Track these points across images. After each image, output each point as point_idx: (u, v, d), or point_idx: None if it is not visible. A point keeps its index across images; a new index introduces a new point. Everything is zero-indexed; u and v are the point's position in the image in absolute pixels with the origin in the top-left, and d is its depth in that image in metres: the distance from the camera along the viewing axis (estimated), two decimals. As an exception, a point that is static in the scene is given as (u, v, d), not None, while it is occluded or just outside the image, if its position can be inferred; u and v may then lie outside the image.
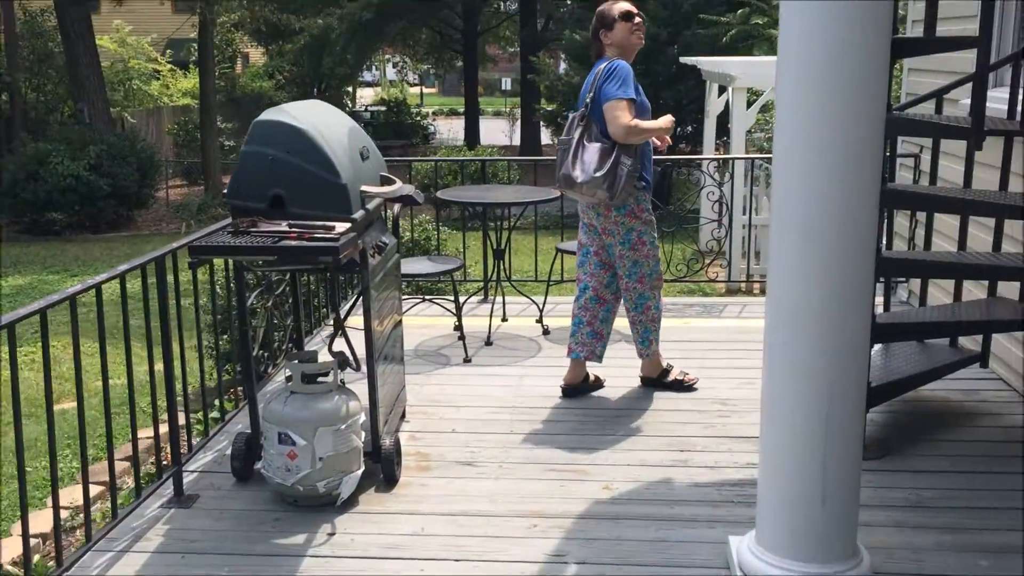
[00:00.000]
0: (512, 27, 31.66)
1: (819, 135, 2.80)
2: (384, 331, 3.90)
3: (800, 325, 2.88)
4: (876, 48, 2.75)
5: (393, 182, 4.03)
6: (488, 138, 29.81)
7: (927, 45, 3.33)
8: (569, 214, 6.98)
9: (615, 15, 4.23)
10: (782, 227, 2.90)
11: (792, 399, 2.91)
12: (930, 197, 3.66)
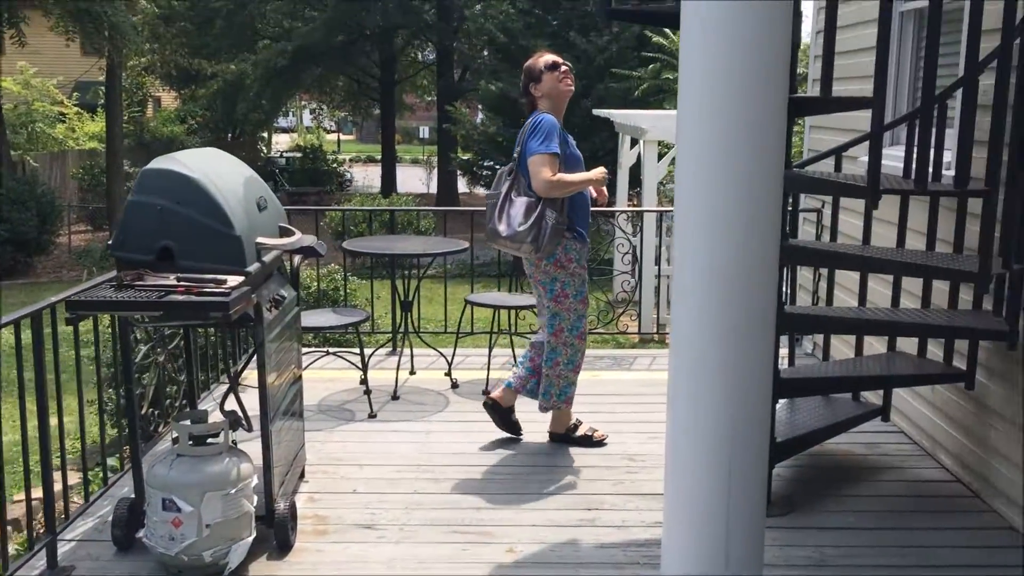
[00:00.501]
0: (430, 76, 31.83)
1: (718, 190, 2.79)
2: (281, 387, 3.74)
3: (701, 379, 2.84)
4: (773, 105, 2.76)
5: (292, 233, 3.90)
6: (405, 186, 29.78)
7: (824, 104, 3.39)
8: (485, 262, 7.03)
9: (541, 67, 4.32)
10: (683, 281, 2.87)
11: (694, 455, 2.85)
12: (829, 254, 3.70)
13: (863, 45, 5.26)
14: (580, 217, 4.37)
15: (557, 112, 4.34)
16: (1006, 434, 3.75)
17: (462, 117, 22.01)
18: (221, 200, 3.33)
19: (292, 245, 3.80)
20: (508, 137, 19.86)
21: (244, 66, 23.46)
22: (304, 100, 37.69)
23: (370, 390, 5.25)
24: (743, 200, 2.80)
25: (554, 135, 4.20)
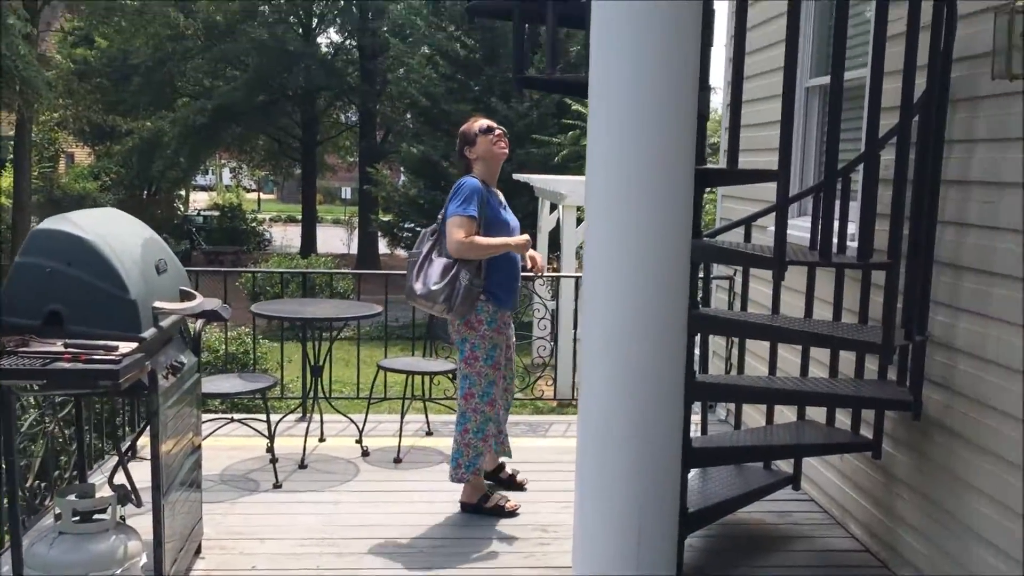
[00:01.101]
0: (352, 137, 31.84)
1: (625, 259, 2.78)
2: (178, 457, 3.56)
3: (610, 447, 2.81)
4: (680, 177, 2.78)
5: (194, 297, 3.76)
6: (326, 246, 29.52)
7: (731, 177, 3.44)
8: (403, 324, 6.87)
9: (476, 131, 4.42)
10: (592, 348, 2.84)
11: (603, 524, 2.80)
12: (739, 323, 3.72)
13: (771, 119, 5.39)
14: (501, 281, 4.37)
15: (491, 174, 4.44)
16: (913, 504, 3.78)
17: (383, 179, 22.01)
18: (116, 262, 3.20)
19: (193, 309, 3.66)
20: (429, 199, 19.90)
21: (162, 123, 23.13)
22: (224, 158, 37.29)
23: (276, 458, 5.07)
24: (650, 269, 2.80)
25: (473, 199, 4.26)
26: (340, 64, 28.01)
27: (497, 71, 19.83)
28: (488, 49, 20.03)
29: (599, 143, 2.85)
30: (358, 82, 26.82)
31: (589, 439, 2.85)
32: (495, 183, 4.48)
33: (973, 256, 3.39)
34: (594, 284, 2.87)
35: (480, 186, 4.32)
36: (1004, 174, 3.21)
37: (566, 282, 9.44)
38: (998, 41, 2.99)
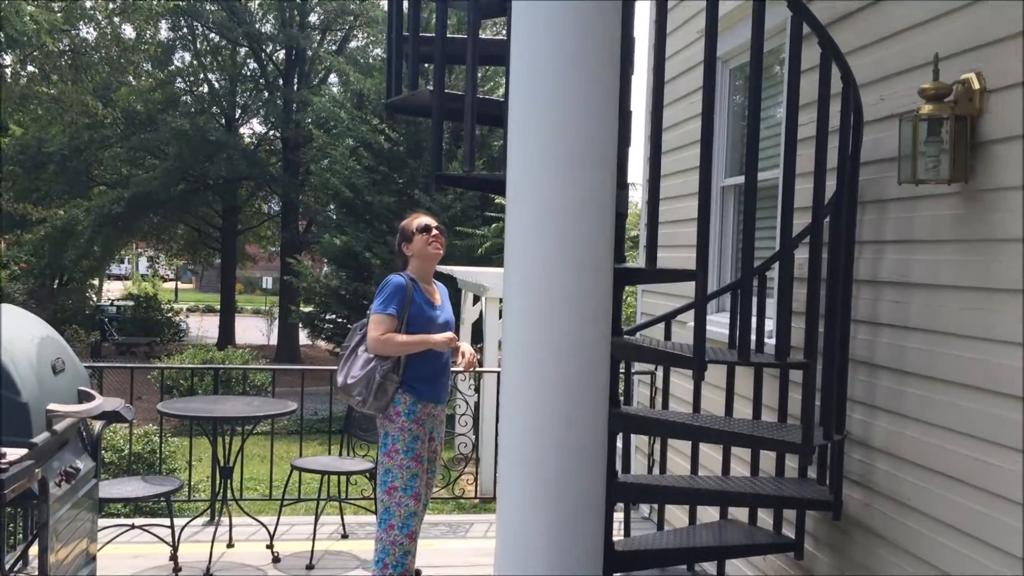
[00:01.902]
0: (274, 227, 31.59)
1: (544, 357, 2.73)
2: (70, 567, 3.32)
3: (529, 551, 2.70)
4: (597, 275, 2.75)
5: (93, 397, 3.57)
6: (245, 337, 28.94)
7: (650, 275, 3.45)
8: (322, 417, 6.66)
9: (414, 229, 4.51)
10: (509, 450, 2.76)
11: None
12: (660, 423, 3.68)
13: (688, 216, 5.48)
14: (420, 375, 4.36)
15: (424, 272, 4.51)
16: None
17: (305, 270, 21.77)
18: (7, 362, 3.02)
19: (91, 411, 3.47)
20: (351, 290, 19.71)
21: (76, 212, 22.62)
22: (140, 247, 36.58)
23: (179, 568, 4.80)
24: (570, 368, 2.75)
25: (395, 297, 4.34)
26: (263, 154, 27.96)
27: (421, 164, 19.98)
28: (412, 142, 20.21)
29: (516, 241, 2.82)
30: (281, 172, 26.75)
31: (508, 542, 2.75)
32: (430, 280, 4.56)
33: (886, 355, 3.43)
34: (512, 384, 2.80)
35: (404, 283, 4.38)
36: (913, 275, 3.27)
37: (489, 376, 9.35)
38: (903, 147, 3.07)
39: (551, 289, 2.73)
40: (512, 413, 2.75)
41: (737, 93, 5.25)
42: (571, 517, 2.71)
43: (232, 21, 25.76)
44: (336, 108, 21.33)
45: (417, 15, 3.86)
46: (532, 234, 2.76)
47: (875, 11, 3.61)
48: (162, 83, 26.25)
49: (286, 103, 26.50)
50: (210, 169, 24.59)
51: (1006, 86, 2.79)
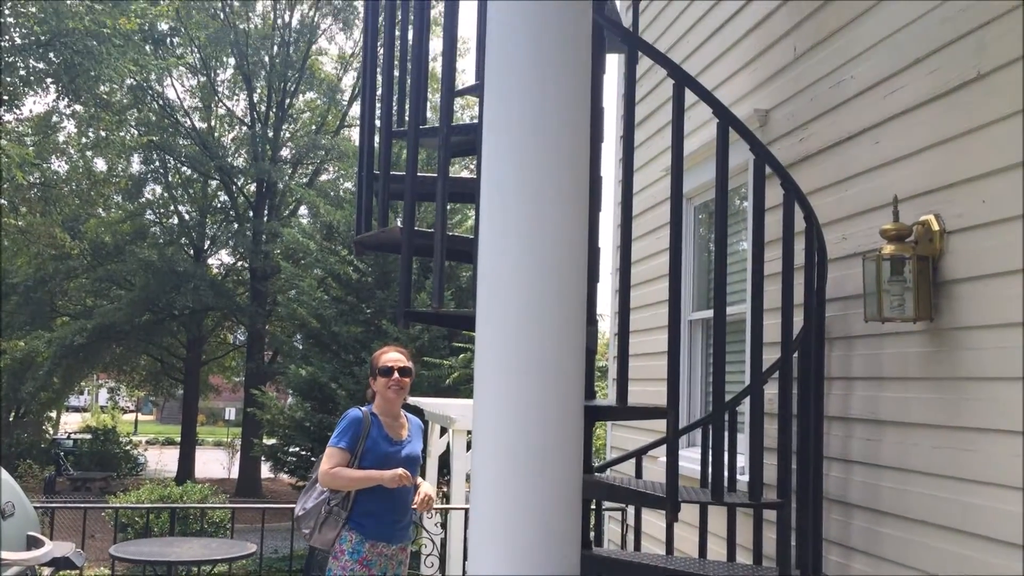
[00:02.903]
0: (239, 357, 31.27)
1: (511, 500, 2.65)
2: None
3: None
4: (568, 413, 2.71)
5: (42, 543, 3.42)
6: (205, 470, 28.21)
7: (621, 413, 3.42)
8: (283, 555, 6.33)
9: (378, 367, 4.46)
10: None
11: None
12: (633, 566, 3.57)
13: (657, 349, 5.48)
14: (369, 511, 4.24)
15: (387, 408, 4.44)
16: None
17: (269, 401, 21.45)
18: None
19: (40, 559, 3.31)
20: (316, 422, 19.38)
21: (37, 343, 22.28)
22: (101, 379, 35.98)
23: None
24: (538, 509, 2.67)
25: (349, 431, 4.30)
26: (230, 285, 27.93)
27: (389, 294, 20.04)
28: (380, 272, 20.32)
29: (486, 382, 2.78)
30: (248, 302, 26.68)
31: None
32: (395, 414, 4.48)
33: (860, 494, 3.39)
34: (479, 528, 2.71)
35: (360, 417, 4.35)
36: (883, 412, 3.26)
37: (456, 512, 9.12)
38: (867, 285, 3.11)
39: (522, 427, 2.68)
40: (480, 559, 2.64)
41: (702, 226, 5.35)
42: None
43: (204, 155, 26.15)
44: (306, 239, 21.49)
45: (388, 153, 3.91)
46: (502, 371, 2.72)
47: (835, 153, 3.72)
48: (131, 215, 26.40)
49: (255, 234, 26.68)
50: (176, 299, 24.47)
51: (964, 228, 2.86)
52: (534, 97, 2.79)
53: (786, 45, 4.21)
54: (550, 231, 2.83)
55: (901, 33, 3.32)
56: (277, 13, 26.54)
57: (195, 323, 26.76)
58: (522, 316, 2.77)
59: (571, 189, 2.91)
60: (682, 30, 5.55)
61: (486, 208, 2.93)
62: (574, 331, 2.78)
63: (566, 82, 2.80)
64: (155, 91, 25.23)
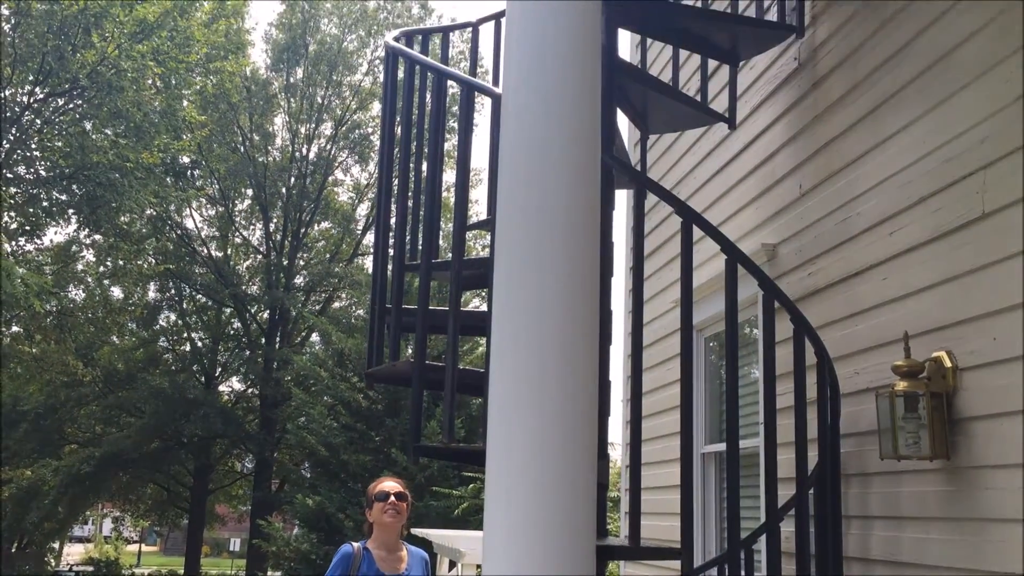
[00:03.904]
0: (246, 486, 30.85)
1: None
2: None
3: None
4: (581, 554, 2.65)
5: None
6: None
7: (634, 553, 3.35)
8: None
9: (373, 496, 4.40)
10: None
11: None
12: None
13: (670, 482, 5.39)
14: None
15: (384, 540, 4.36)
16: None
17: (275, 532, 21.04)
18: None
19: None
20: (322, 553, 18.93)
21: (44, 472, 22.06)
22: (106, 508, 35.45)
23: None
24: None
25: (338, 567, 4.25)
26: (240, 412, 27.81)
27: (399, 422, 19.91)
28: (390, 400, 20.23)
29: (496, 517, 2.73)
30: (257, 430, 26.51)
31: None
32: (393, 546, 4.39)
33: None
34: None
35: (350, 552, 4.29)
36: (903, 554, 3.18)
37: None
38: (882, 422, 3.08)
39: (533, 566, 2.61)
40: None
41: (713, 354, 5.34)
42: None
43: (219, 283, 26.49)
44: (316, 367, 21.50)
45: (400, 286, 3.95)
46: (512, 506, 2.68)
47: (843, 288, 3.75)
48: (145, 342, 26.57)
49: (267, 361, 26.74)
50: (185, 427, 24.35)
51: (977, 365, 2.85)
52: (544, 233, 2.84)
53: (792, 182, 4.30)
54: (560, 365, 2.83)
55: (905, 172, 3.40)
56: (295, 147, 27.34)
57: (203, 450, 26.55)
58: (532, 451, 2.74)
59: (581, 323, 2.93)
60: (689, 165, 5.68)
61: (497, 342, 2.94)
62: (585, 468, 2.74)
63: (576, 219, 2.86)
64: (174, 221, 25.78)
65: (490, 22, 4.58)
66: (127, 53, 16.76)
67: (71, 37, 16.50)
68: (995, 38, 2.97)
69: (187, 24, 18.70)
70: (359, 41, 27.59)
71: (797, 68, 4.32)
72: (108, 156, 16.92)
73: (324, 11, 27.14)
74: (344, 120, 27.62)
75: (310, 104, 27.20)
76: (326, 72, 26.90)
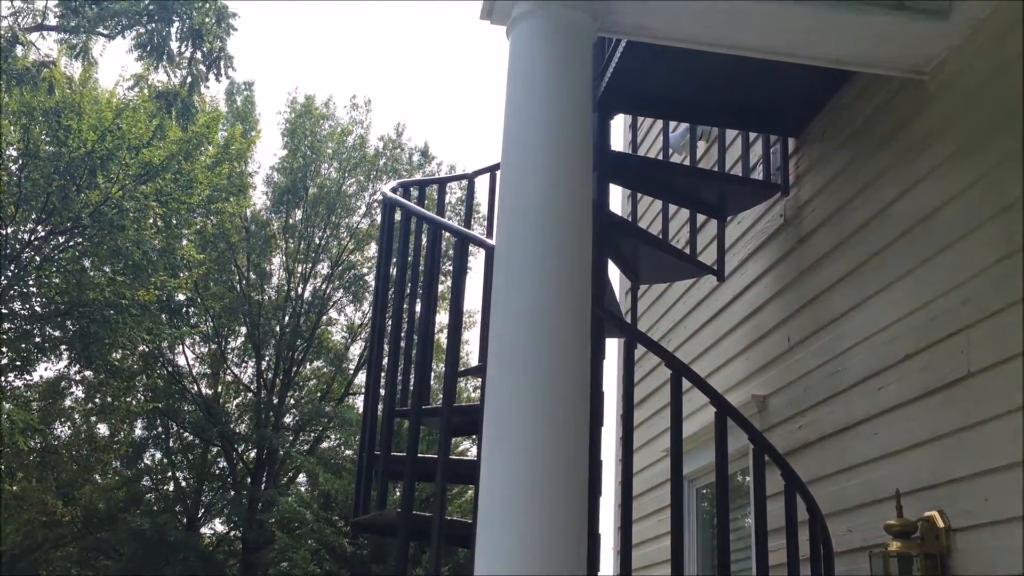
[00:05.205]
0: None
1: None
2: None
3: None
4: None
5: None
6: None
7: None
8: None
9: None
10: None
11: None
12: None
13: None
14: None
15: None
16: None
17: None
18: None
19: None
20: None
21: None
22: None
23: None
24: None
25: None
26: (221, 555, 26.99)
27: (384, 568, 19.35)
28: (377, 545, 19.73)
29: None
30: (238, 574, 25.67)
31: None
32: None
33: None
34: None
35: None
36: None
37: None
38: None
39: None
40: None
41: (705, 501, 5.26)
42: None
43: (208, 421, 26.18)
44: (302, 508, 21.06)
45: (389, 433, 3.92)
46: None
47: (834, 442, 3.74)
48: (128, 481, 26.02)
49: (251, 502, 26.13)
50: (165, 571, 23.57)
51: (970, 526, 2.82)
52: (535, 383, 2.85)
53: (780, 334, 4.34)
54: (548, 522, 2.79)
55: (892, 328, 3.44)
56: (291, 286, 27.59)
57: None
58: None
59: (570, 479, 2.90)
60: (680, 315, 5.75)
61: (485, 498, 2.90)
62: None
63: (567, 369, 2.88)
64: (166, 358, 25.72)
65: (485, 174, 4.73)
66: (130, 193, 17.11)
67: (76, 178, 16.87)
68: (976, 201, 3.07)
69: (191, 167, 19.16)
70: (358, 184, 28.26)
71: (783, 224, 4.44)
72: (104, 293, 17.02)
73: (325, 156, 27.90)
74: (340, 260, 27.99)
75: (307, 244, 27.62)
76: (324, 214, 27.42)
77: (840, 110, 4.04)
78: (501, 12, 2.98)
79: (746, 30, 3.21)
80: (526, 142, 2.90)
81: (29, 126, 16.57)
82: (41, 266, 17.48)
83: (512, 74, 2.93)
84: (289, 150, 27.75)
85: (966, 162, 3.14)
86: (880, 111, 3.71)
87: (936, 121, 3.34)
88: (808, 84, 4.01)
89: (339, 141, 28.35)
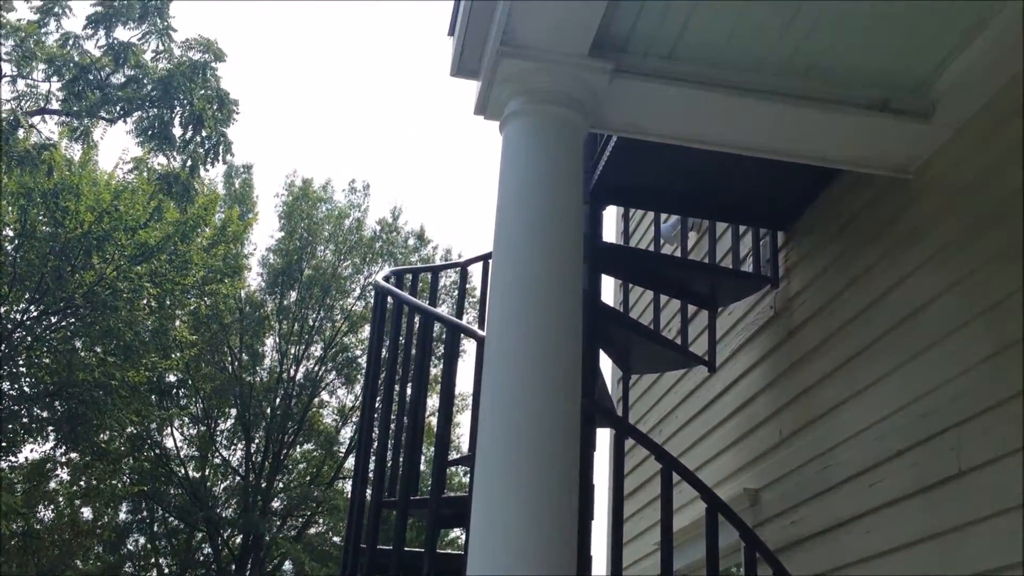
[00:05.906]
0: None
1: None
2: None
3: None
4: None
5: None
6: None
7: None
8: None
9: None
10: None
11: None
12: None
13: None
14: None
15: None
16: None
17: None
18: None
19: None
20: None
21: None
22: None
23: None
24: None
25: None
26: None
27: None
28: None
29: None
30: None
31: None
32: None
33: None
34: None
35: None
36: None
37: None
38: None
39: None
40: None
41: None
42: None
43: (194, 505, 25.74)
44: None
45: (376, 527, 3.86)
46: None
47: (827, 539, 3.69)
48: (110, 566, 25.42)
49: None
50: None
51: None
52: (523, 476, 2.82)
53: (772, 427, 4.32)
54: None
55: (882, 424, 3.43)
56: (284, 368, 27.44)
57: None
58: None
59: (561, 568, 2.85)
60: (671, 405, 5.72)
61: None
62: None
63: (556, 462, 2.85)
64: (154, 440, 25.41)
65: (478, 263, 4.75)
66: (125, 274, 17.14)
67: (72, 258, 16.91)
68: (963, 298, 3.09)
69: (187, 248, 19.24)
70: (354, 267, 28.36)
71: (773, 316, 4.46)
72: (94, 374, 16.90)
73: (322, 238, 28.05)
74: (334, 342, 27.91)
75: (301, 326, 27.56)
76: (319, 296, 27.44)
77: (829, 204, 4.09)
78: (494, 109, 3.04)
79: (731, 129, 3.27)
80: (517, 235, 2.93)
81: (27, 207, 16.69)
82: (32, 346, 17.39)
83: (504, 168, 2.97)
84: (286, 232, 27.91)
85: (954, 258, 3.17)
86: (868, 207, 3.76)
87: (923, 218, 3.39)
88: (798, 179, 4.07)
89: (336, 224, 28.52)
